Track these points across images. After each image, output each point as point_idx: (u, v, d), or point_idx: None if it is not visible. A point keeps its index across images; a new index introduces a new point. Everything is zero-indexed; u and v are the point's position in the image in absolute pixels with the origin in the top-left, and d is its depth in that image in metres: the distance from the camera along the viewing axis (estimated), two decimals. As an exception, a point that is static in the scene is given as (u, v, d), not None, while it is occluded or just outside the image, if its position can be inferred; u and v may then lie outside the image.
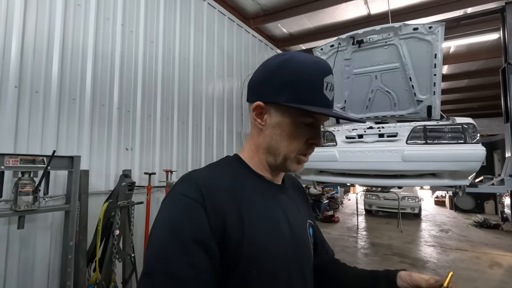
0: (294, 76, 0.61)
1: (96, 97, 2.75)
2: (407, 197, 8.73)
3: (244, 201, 0.61)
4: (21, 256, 2.15)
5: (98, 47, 2.78)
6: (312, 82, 0.61)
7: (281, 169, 0.70)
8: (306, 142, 0.65)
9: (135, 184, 2.59)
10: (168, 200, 0.59)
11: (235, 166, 0.69)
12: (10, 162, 1.89)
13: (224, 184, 0.62)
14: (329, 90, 0.62)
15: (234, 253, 0.56)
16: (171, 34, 3.66)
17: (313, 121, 0.64)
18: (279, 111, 0.64)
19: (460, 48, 6.72)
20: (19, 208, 1.88)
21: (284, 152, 0.65)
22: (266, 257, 0.59)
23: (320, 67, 0.62)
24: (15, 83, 2.17)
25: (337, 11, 5.25)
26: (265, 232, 0.61)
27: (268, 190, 0.68)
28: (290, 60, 0.63)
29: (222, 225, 0.56)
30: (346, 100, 3.71)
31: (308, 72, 0.61)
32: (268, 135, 0.66)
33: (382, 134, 2.84)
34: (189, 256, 0.51)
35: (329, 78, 0.62)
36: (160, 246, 0.53)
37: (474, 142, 2.46)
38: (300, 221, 0.72)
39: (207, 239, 0.54)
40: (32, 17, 2.30)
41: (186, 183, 0.60)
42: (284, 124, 0.64)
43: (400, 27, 2.98)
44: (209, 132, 4.19)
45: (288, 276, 0.63)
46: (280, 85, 0.62)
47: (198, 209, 0.55)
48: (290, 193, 0.76)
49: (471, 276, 4.24)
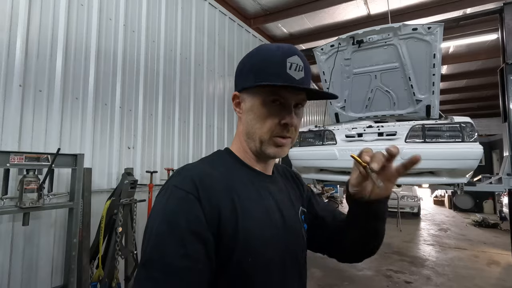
0: (258, 62, 0.66)
1: (99, 96, 2.78)
2: (407, 197, 8.76)
3: (237, 192, 0.63)
4: (25, 252, 2.19)
5: (100, 47, 2.81)
6: (274, 63, 0.64)
7: (262, 155, 0.71)
8: (279, 123, 0.66)
9: (137, 182, 2.62)
10: (163, 194, 0.60)
11: (226, 158, 0.72)
12: (15, 160, 1.92)
13: (217, 176, 0.63)
14: (294, 70, 0.64)
15: (229, 243, 0.58)
16: (173, 33, 3.69)
17: (280, 99, 0.65)
18: (250, 95, 0.68)
19: (460, 48, 6.75)
20: (24, 205, 1.91)
21: (258, 135, 0.67)
22: (261, 246, 0.61)
23: (282, 49, 0.66)
24: (19, 82, 2.20)
25: (337, 11, 5.28)
26: (258, 222, 0.63)
27: (258, 181, 0.70)
28: (256, 50, 0.69)
29: (217, 216, 0.58)
30: (346, 100, 3.74)
31: (270, 55, 0.65)
32: (245, 121, 0.70)
33: (381, 133, 2.87)
34: (185, 247, 0.53)
35: (293, 58, 0.64)
36: (156, 238, 0.54)
37: (472, 140, 2.49)
38: (292, 209, 0.75)
39: (202, 230, 0.55)
40: (36, 17, 2.33)
41: (180, 176, 0.62)
42: (255, 107, 0.67)
43: (400, 27, 3.01)
44: (210, 130, 4.22)
45: (283, 262, 0.65)
46: (247, 72, 0.68)
47: (192, 201, 0.57)
48: (281, 182, 0.79)
49: (469, 274, 4.28)
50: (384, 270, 4.44)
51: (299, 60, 0.65)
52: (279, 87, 0.63)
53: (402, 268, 4.52)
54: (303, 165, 3.39)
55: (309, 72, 0.68)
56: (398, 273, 4.33)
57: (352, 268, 4.46)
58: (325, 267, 4.43)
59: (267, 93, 0.65)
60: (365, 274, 4.30)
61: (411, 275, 4.24)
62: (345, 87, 3.65)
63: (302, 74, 0.65)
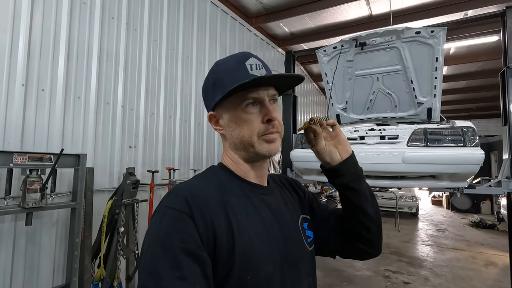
0: (218, 75, 0.68)
1: (101, 95, 2.77)
2: (405, 197, 8.81)
3: (232, 207, 0.62)
4: (27, 252, 2.19)
5: (103, 46, 2.80)
6: (233, 70, 0.66)
7: (257, 159, 0.70)
8: (262, 121, 0.66)
9: (139, 182, 2.62)
10: (156, 215, 0.59)
11: (220, 174, 0.71)
12: (18, 160, 1.92)
13: (211, 192, 0.62)
14: (255, 69, 0.65)
15: (226, 261, 0.57)
16: (175, 32, 3.68)
17: (255, 98, 0.66)
18: (225, 109, 0.69)
19: (460, 50, 6.76)
20: (27, 205, 1.91)
21: (246, 138, 0.66)
22: (259, 261, 0.60)
23: (236, 57, 0.68)
24: (22, 81, 2.19)
25: (339, 11, 5.26)
26: (255, 237, 0.62)
27: (254, 194, 0.69)
28: (215, 66, 0.71)
29: (212, 234, 0.56)
30: (347, 101, 3.74)
31: (229, 65, 0.68)
32: (229, 134, 0.70)
33: (383, 136, 2.88)
34: (180, 269, 0.51)
35: (251, 60, 0.66)
36: (150, 262, 0.52)
37: (473, 145, 2.51)
38: (290, 219, 0.74)
39: (197, 249, 0.54)
40: (38, 16, 2.31)
41: (172, 196, 0.61)
42: (234, 116, 0.67)
43: (403, 30, 3.01)
44: (211, 130, 4.22)
45: (283, 276, 0.64)
46: (212, 88, 0.69)
47: (186, 220, 0.55)
48: (277, 192, 0.78)
49: (467, 275, 4.32)
50: (383, 270, 4.48)
51: (256, 60, 0.67)
52: (250, 89, 0.64)
53: (400, 269, 4.56)
54: (304, 167, 3.39)
55: (269, 68, 0.70)
56: (396, 273, 4.37)
57: (351, 268, 4.49)
58: (324, 268, 4.47)
59: (240, 99, 0.66)
60: (363, 274, 4.33)
61: (409, 276, 4.28)
62: (347, 89, 3.65)
63: (264, 71, 0.67)
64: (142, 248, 0.57)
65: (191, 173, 3.71)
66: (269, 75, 0.66)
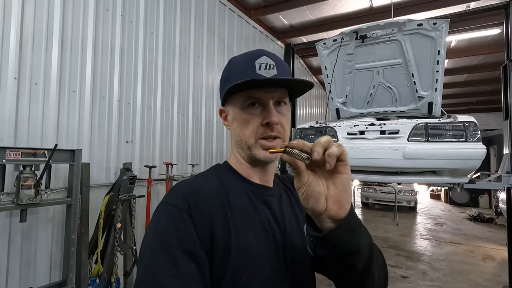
0: (230, 72, 0.69)
1: (96, 89, 2.71)
2: (404, 191, 8.82)
3: (231, 207, 0.62)
4: (23, 248, 2.16)
5: (97, 38, 2.73)
6: (242, 68, 0.65)
7: (255, 162, 0.69)
8: (261, 124, 0.65)
9: (136, 178, 2.59)
10: (156, 212, 0.60)
11: (222, 172, 0.71)
12: (11, 156, 1.87)
13: (211, 191, 0.63)
14: (264, 69, 0.64)
15: (223, 261, 0.57)
16: (172, 25, 3.60)
17: (256, 99, 0.65)
18: (231, 105, 0.69)
19: (461, 43, 6.69)
20: (21, 201, 1.88)
21: (245, 140, 0.66)
22: (255, 263, 0.59)
23: (249, 54, 0.67)
24: (14, 74, 2.13)
25: (340, 3, 5.17)
26: (253, 237, 0.61)
27: (255, 194, 0.68)
28: (228, 62, 0.72)
29: (210, 233, 0.57)
30: (347, 95, 3.70)
31: (238, 63, 0.68)
32: (233, 132, 0.71)
33: (383, 131, 2.84)
34: (177, 267, 0.51)
35: (262, 59, 0.65)
36: (148, 259, 0.53)
37: (475, 140, 2.48)
38: (294, 221, 0.71)
39: (194, 247, 0.54)
40: (30, 7, 2.24)
41: (172, 193, 0.62)
42: (237, 114, 0.67)
43: (405, 22, 2.95)
44: (209, 124, 4.18)
45: (280, 278, 0.63)
46: (223, 85, 0.70)
47: (184, 217, 0.56)
48: (284, 194, 0.76)
49: (465, 269, 4.34)
50: (381, 264, 4.49)
51: (268, 59, 0.65)
52: (252, 90, 0.64)
53: (398, 263, 4.58)
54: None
55: (284, 68, 0.67)
56: (394, 267, 4.38)
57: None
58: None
59: (243, 98, 0.65)
60: (362, 268, 4.34)
61: (407, 270, 4.30)
62: (347, 83, 3.60)
63: (274, 71, 0.64)
64: (142, 244, 0.58)
65: (189, 168, 3.68)
66: (267, 77, 0.63)
